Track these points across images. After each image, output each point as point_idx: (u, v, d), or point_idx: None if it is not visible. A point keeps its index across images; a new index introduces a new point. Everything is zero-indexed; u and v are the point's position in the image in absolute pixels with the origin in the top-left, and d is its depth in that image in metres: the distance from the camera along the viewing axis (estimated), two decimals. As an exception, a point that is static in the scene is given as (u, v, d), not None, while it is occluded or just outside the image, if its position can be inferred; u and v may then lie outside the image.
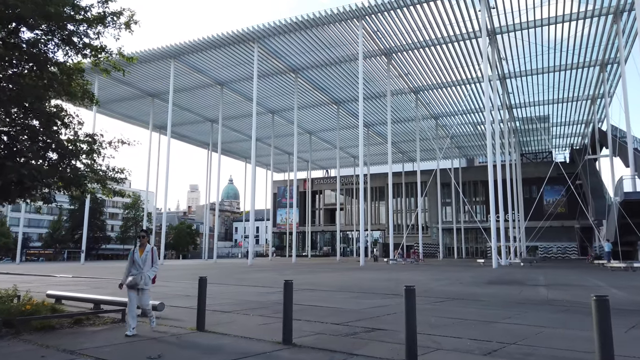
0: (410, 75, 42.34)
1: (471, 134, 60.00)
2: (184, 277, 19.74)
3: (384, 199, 75.87)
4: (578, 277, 18.50)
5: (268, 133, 57.92)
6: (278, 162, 73.85)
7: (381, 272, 22.94)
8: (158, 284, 15.03)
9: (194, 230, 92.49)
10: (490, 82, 33.47)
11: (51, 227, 73.18)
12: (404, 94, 46.61)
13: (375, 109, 50.63)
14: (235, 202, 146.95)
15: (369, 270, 25.02)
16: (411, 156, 70.74)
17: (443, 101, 48.87)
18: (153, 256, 7.01)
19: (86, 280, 17.50)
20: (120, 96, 49.41)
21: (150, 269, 6.94)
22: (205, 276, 6.50)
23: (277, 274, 21.50)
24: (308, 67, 40.90)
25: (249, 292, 12.20)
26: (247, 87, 44.82)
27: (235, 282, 16.09)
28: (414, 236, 56.44)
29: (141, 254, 6.91)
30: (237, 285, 14.68)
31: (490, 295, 10.92)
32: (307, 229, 73.64)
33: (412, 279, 17.34)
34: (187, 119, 56.32)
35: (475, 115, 52.26)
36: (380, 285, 14.12)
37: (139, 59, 40.37)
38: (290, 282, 5.36)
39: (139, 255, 6.90)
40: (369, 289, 12.69)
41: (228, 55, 39.29)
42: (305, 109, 51.33)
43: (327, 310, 8.00)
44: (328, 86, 45.28)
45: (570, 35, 35.13)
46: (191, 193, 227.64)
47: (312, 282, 15.47)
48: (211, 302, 9.22)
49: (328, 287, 13.54)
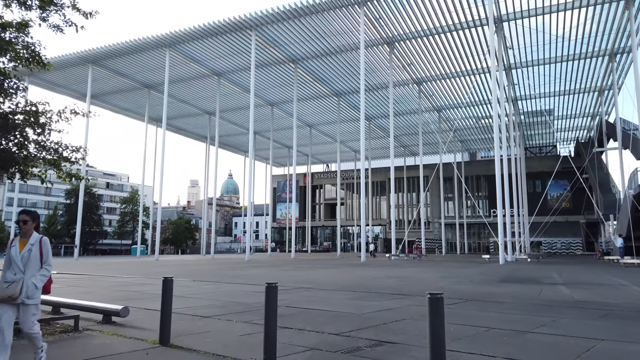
0: (413, 65, 41.06)
1: (474, 127, 58.75)
2: (174, 273, 18.56)
3: (385, 193, 74.71)
4: (595, 275, 17.33)
5: (267, 126, 56.66)
6: (278, 156, 72.61)
7: (383, 268, 21.80)
8: (139, 281, 13.86)
9: (193, 225, 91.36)
10: (497, 72, 32.17)
11: (46, 222, 72.10)
12: (406, 86, 45.34)
13: (376, 101, 49.41)
14: (235, 197, 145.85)
15: (370, 266, 23.88)
16: (412, 150, 69.49)
17: (446, 93, 47.60)
18: (42, 252, 4.38)
19: (67, 278, 16.36)
20: (116, 88, 48.20)
21: (37, 273, 4.30)
22: (171, 276, 5.29)
23: (274, 270, 20.36)
24: (308, 57, 39.62)
25: (239, 291, 11.04)
26: (245, 78, 43.58)
27: (227, 279, 14.93)
28: (416, 231, 55.27)
29: (21, 249, 4.30)
30: (228, 283, 13.51)
31: (508, 295, 9.75)
32: (307, 224, 72.50)
33: (417, 276, 16.19)
34: (184, 112, 55.10)
35: (479, 107, 51.00)
36: (383, 284, 12.96)
37: (133, 47, 39.31)
38: (274, 285, 4.11)
39: (17, 250, 4.30)
40: (372, 288, 11.53)
41: (225, 44, 38.01)
42: (305, 101, 50.08)
43: (324, 315, 6.82)
44: (328, 77, 43.99)
45: (580, 22, 33.85)
46: (191, 188, 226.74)
47: (310, 280, 14.31)
48: (190, 305, 8.05)
49: (327, 285, 12.38)
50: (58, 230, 65.93)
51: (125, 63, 42.09)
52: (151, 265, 27.87)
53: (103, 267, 24.55)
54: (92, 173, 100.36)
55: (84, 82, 42.97)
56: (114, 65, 42.62)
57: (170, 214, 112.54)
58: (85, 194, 73.85)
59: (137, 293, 10.05)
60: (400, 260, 33.92)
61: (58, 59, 41.29)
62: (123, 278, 15.64)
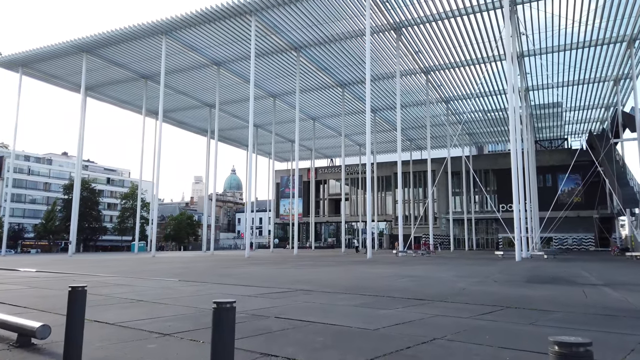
0: (421, 53, 39.22)
1: (483, 120, 56.80)
2: (163, 271, 16.94)
3: (391, 189, 72.94)
4: (631, 274, 15.57)
5: (269, 119, 55.00)
6: (281, 150, 70.97)
7: (392, 266, 20.07)
8: (117, 282, 12.17)
9: (195, 221, 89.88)
10: (512, 58, 30.30)
11: (44, 218, 70.74)
12: (413, 75, 43.51)
13: (382, 92, 47.61)
14: (238, 192, 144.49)
15: (377, 264, 22.18)
16: (418, 144, 67.63)
17: (455, 84, 45.71)
18: None
19: (45, 277, 14.76)
20: (112, 79, 46.64)
21: None
22: (83, 286, 3.55)
23: (272, 268, 18.67)
24: (311, 44, 37.87)
25: (222, 294, 9.36)
26: (246, 67, 41.92)
27: (216, 279, 13.25)
28: (423, 227, 53.52)
29: None
30: (216, 283, 11.83)
31: (549, 301, 8.01)
32: (310, 220, 70.69)
33: (431, 275, 14.46)
34: (184, 104, 53.54)
35: (489, 99, 49.06)
36: (395, 285, 11.24)
37: (128, 35, 37.64)
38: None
39: None
40: (382, 290, 9.83)
41: (224, 31, 36.31)
42: (308, 92, 48.36)
43: (325, 332, 5.12)
44: (332, 66, 42.23)
45: (598, 6, 31.96)
46: (196, 185, 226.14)
47: (310, 280, 12.61)
48: (156, 315, 6.36)
49: (330, 286, 10.69)
50: (56, 226, 64.51)
51: (120, 52, 40.45)
52: (144, 262, 26.28)
53: (90, 265, 22.98)
54: (93, 168, 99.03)
55: (80, 73, 41.34)
56: (109, 55, 40.98)
57: (173, 209, 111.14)
58: (84, 190, 72.52)
59: (100, 298, 8.39)
60: (408, 256, 32.20)
61: (51, 49, 39.75)
62: (101, 277, 14.00)
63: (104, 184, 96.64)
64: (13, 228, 72.91)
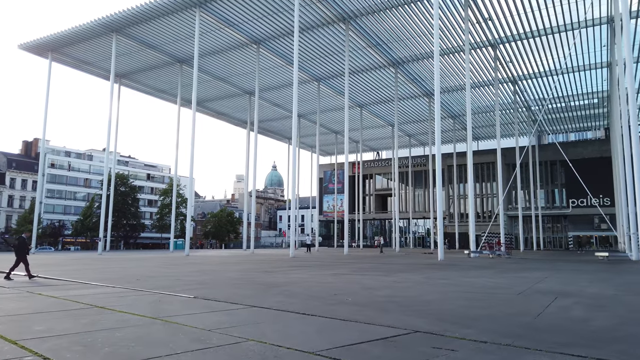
0: (491, 21, 33.60)
1: (561, 104, 50.15)
2: (185, 280, 12.57)
3: (444, 183, 66.94)
4: None
5: (313, 107, 50.55)
6: (323, 143, 66.35)
7: (476, 272, 14.89)
8: (110, 297, 7.76)
9: (236, 219, 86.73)
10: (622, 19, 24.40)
11: (82, 214, 69.09)
12: (481, 49, 37.91)
13: (443, 71, 41.61)
14: (280, 189, 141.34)
15: (455, 268, 17.12)
16: (477, 133, 61.47)
17: (527, 58, 39.58)
18: None
19: (37, 283, 10.71)
20: (146, 64, 43.42)
21: None
22: None
23: (330, 275, 13.90)
24: (361, 13, 33.00)
25: (262, 340, 4.68)
26: (288, 45, 37.59)
27: (251, 295, 8.67)
28: (481, 224, 47.59)
29: None
30: (249, 307, 7.19)
31: None
32: (356, 217, 65.82)
33: (548, 288, 9.31)
34: (222, 92, 49.99)
35: (569, 76, 42.44)
36: (525, 310, 6.24)
37: (159, 9, 34.00)
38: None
39: None
40: (514, 324, 5.05)
41: (264, 2, 32.00)
42: (356, 74, 43.53)
43: None
44: (386, 40, 37.15)
45: None
46: (237, 183, 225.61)
47: (392, 296, 7.79)
48: None
49: (429, 312, 5.93)
50: (93, 223, 62.49)
51: (151, 31, 36.91)
52: (173, 263, 22.27)
53: (102, 267, 19.15)
54: (133, 164, 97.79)
55: (111, 58, 38.16)
56: (140, 34, 37.54)
57: (213, 206, 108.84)
58: (123, 185, 70.50)
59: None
60: (484, 258, 26.84)
61: (79, 29, 36.73)
62: (98, 288, 9.77)
63: (144, 180, 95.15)
64: (53, 225, 71.74)
